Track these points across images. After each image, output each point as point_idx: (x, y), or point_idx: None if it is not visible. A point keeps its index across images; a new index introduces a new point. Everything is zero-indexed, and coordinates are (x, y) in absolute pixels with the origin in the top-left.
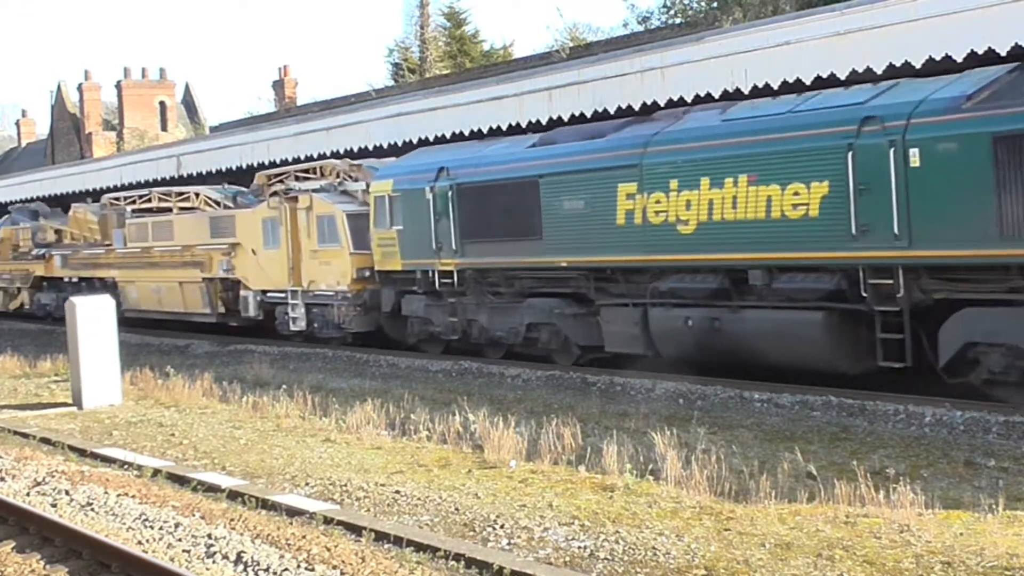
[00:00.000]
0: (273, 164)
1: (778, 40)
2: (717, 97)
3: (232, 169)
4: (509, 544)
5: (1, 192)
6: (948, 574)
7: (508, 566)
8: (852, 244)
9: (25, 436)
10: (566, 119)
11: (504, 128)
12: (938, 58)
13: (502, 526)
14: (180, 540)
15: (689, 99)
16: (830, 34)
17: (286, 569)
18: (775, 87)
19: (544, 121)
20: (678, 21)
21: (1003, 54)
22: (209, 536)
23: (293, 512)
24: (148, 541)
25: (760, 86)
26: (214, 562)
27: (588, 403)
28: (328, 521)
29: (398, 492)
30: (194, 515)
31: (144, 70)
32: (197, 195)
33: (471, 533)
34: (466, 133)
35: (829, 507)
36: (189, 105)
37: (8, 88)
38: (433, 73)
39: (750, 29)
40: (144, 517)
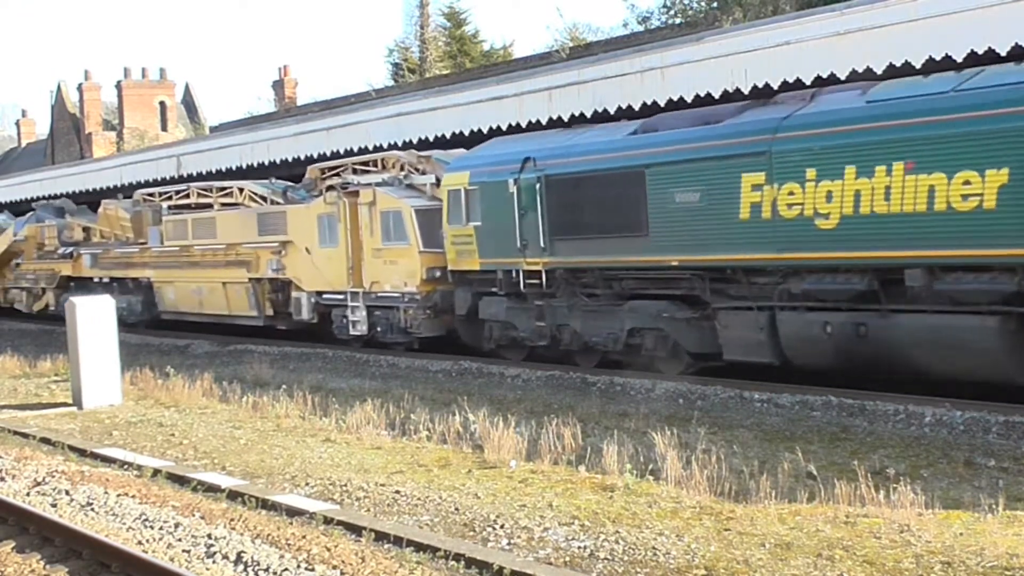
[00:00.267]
0: (273, 164)
1: (778, 40)
2: (717, 97)
3: (232, 169)
4: (509, 544)
5: (1, 192)
6: (948, 574)
7: (508, 566)
8: None
9: (25, 436)
10: (566, 119)
11: (504, 128)
12: (938, 58)
13: (502, 526)
14: (180, 540)
15: (689, 99)
16: (830, 34)
17: (286, 569)
18: (775, 87)
19: (544, 121)
20: (678, 21)
21: (1003, 54)
22: (209, 536)
23: (293, 512)
24: (148, 541)
25: (760, 86)
26: (214, 562)
27: (588, 403)
28: (328, 521)
29: (398, 492)
30: (194, 515)
31: (144, 70)
32: (241, 190)
33: (471, 533)
34: (466, 133)
35: (829, 507)
36: (189, 105)
37: (8, 88)
38: (433, 73)
39: (750, 29)
40: (144, 517)
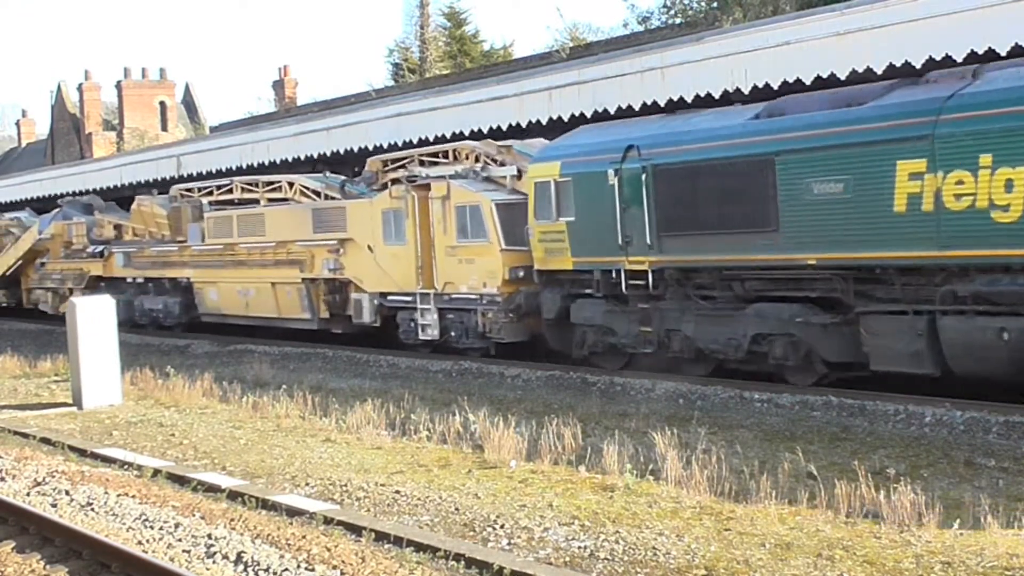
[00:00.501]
0: (273, 164)
1: (778, 40)
2: (717, 97)
3: (232, 169)
4: (509, 544)
5: (1, 192)
6: (948, 574)
7: (508, 566)
8: None
9: (25, 436)
10: (566, 119)
11: (504, 128)
12: (938, 58)
13: (502, 526)
14: (180, 540)
15: (689, 99)
16: (830, 34)
17: (286, 569)
18: (775, 87)
19: (544, 121)
20: (678, 21)
21: (1003, 54)
22: (209, 536)
23: (293, 512)
24: (148, 541)
25: (760, 86)
26: (214, 562)
27: (588, 403)
28: (328, 521)
29: (398, 492)
30: (194, 515)
31: (144, 70)
32: (291, 184)
33: (471, 533)
34: (466, 133)
35: (830, 507)
36: (189, 105)
37: (8, 88)
38: (433, 73)
39: (750, 29)
40: (144, 517)
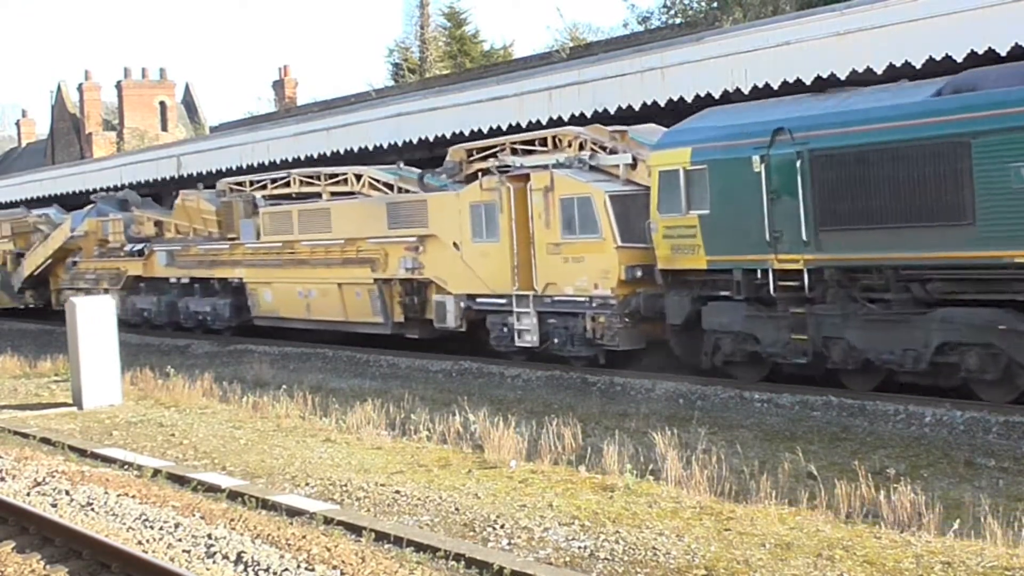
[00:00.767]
0: (273, 164)
1: (778, 40)
2: (717, 97)
3: (232, 169)
4: (509, 544)
5: (1, 192)
6: (948, 574)
7: (508, 566)
8: None
9: (25, 436)
10: (566, 119)
11: (504, 128)
12: (938, 58)
13: (502, 526)
14: (180, 540)
15: (689, 99)
16: (830, 34)
17: (286, 569)
18: (775, 87)
19: (544, 121)
20: (678, 21)
21: (1003, 54)
22: (209, 536)
23: (293, 512)
24: (148, 541)
25: (760, 86)
26: (214, 562)
27: (588, 403)
28: (328, 521)
29: (398, 492)
30: (194, 515)
31: (144, 70)
32: (359, 176)
33: (471, 533)
34: (466, 133)
35: (830, 507)
36: (189, 105)
37: (8, 88)
38: (433, 73)
39: (750, 29)
40: (144, 517)
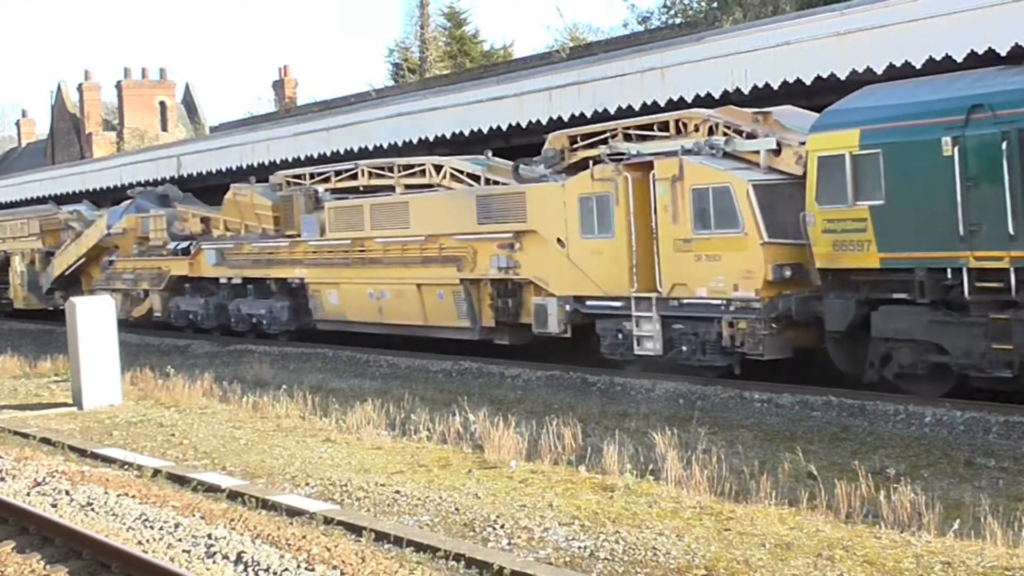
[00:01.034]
0: (273, 164)
1: (778, 40)
2: (717, 97)
3: (232, 169)
4: (509, 544)
5: (1, 192)
6: (948, 574)
7: (508, 566)
8: None
9: (25, 436)
10: (566, 119)
11: (504, 128)
12: (938, 58)
13: (502, 526)
14: (180, 540)
15: (689, 99)
16: (830, 34)
17: (286, 569)
18: (775, 87)
19: (544, 121)
20: (678, 21)
21: (1003, 54)
22: (209, 536)
23: (293, 512)
24: (148, 541)
25: (760, 86)
26: (214, 562)
27: (588, 403)
28: (328, 521)
29: (398, 492)
30: (194, 515)
31: (144, 70)
32: (438, 168)
33: (471, 533)
34: (466, 133)
35: (830, 507)
36: (189, 105)
37: (8, 88)
38: (433, 73)
39: (750, 29)
40: (144, 517)
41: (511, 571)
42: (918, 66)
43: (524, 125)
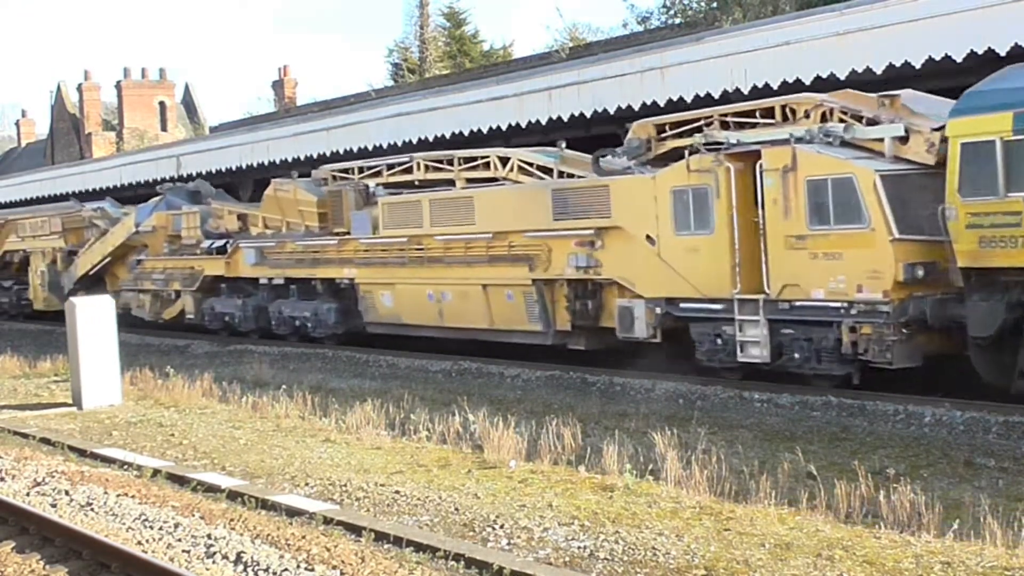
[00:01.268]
0: (273, 164)
1: (778, 40)
2: (717, 97)
3: (232, 169)
4: (509, 544)
5: (1, 192)
6: (948, 574)
7: (508, 566)
8: None
9: (25, 436)
10: (566, 119)
11: (504, 128)
12: (938, 58)
13: (502, 526)
14: (180, 540)
15: (689, 99)
16: (830, 34)
17: (286, 569)
18: (775, 87)
19: (544, 121)
20: (678, 21)
21: (1003, 54)
22: (209, 536)
23: (293, 512)
24: (148, 541)
25: (760, 86)
26: (214, 562)
27: (588, 403)
28: (328, 521)
29: (398, 492)
30: (194, 515)
31: (144, 70)
32: (504, 160)
33: (471, 533)
34: (466, 133)
35: (829, 507)
36: (189, 105)
37: (8, 88)
38: (433, 73)
39: (750, 29)
40: (144, 517)
41: (511, 571)
42: (918, 66)
43: (524, 125)
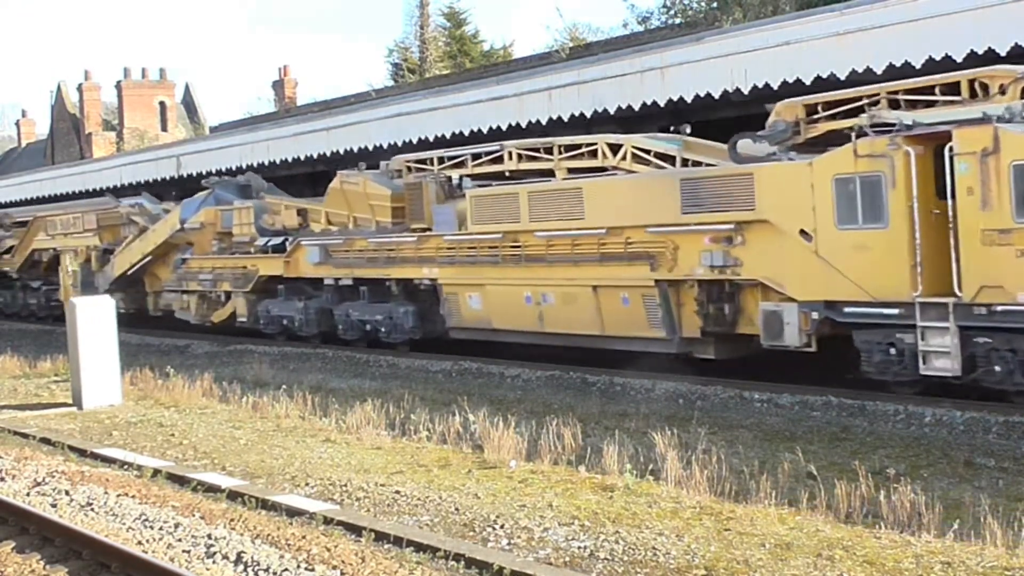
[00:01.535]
0: (273, 164)
1: (778, 40)
2: (717, 97)
3: (232, 169)
4: (509, 544)
5: (1, 192)
6: (948, 574)
7: (508, 566)
8: None
9: (25, 436)
10: (566, 119)
11: (504, 128)
12: (938, 58)
13: (502, 526)
14: (180, 540)
15: (689, 99)
16: (830, 34)
17: (286, 569)
18: (775, 87)
19: (544, 121)
20: (678, 21)
21: (1003, 54)
22: (209, 536)
23: (293, 512)
24: (148, 541)
25: (760, 86)
26: (214, 562)
27: (588, 403)
28: (328, 521)
29: (398, 492)
30: (194, 515)
31: (144, 70)
32: (615, 147)
33: (471, 533)
34: (466, 133)
35: (829, 507)
36: (189, 105)
37: (8, 88)
38: (433, 73)
39: (750, 29)
40: (144, 517)
41: (511, 571)
42: (918, 66)
43: (524, 125)
